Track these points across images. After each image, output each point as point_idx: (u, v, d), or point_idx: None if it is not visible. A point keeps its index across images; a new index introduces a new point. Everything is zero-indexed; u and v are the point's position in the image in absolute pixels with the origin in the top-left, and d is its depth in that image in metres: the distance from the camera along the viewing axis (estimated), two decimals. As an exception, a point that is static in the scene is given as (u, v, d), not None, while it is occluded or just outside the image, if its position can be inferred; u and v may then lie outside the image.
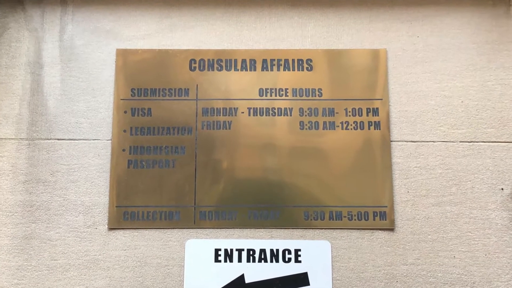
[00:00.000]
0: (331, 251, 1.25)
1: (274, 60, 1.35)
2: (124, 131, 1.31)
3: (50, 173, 1.30)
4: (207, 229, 1.27)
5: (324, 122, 1.31)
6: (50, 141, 1.31)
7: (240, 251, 1.25)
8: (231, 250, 1.25)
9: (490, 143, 1.30)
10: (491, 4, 1.37)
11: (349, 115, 1.31)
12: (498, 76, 1.33)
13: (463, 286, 1.23)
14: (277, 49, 1.36)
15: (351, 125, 1.31)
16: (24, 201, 1.28)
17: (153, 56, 1.35)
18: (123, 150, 1.30)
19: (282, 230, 1.27)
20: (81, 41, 1.37)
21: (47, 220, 1.27)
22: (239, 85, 1.34)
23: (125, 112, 1.32)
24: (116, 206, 1.28)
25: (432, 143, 1.30)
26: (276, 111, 1.32)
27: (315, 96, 1.33)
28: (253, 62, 1.35)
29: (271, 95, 1.33)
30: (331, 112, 1.32)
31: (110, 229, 1.27)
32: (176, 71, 1.34)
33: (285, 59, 1.35)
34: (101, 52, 1.36)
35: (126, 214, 1.27)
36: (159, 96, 1.33)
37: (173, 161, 1.29)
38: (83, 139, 1.32)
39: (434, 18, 1.37)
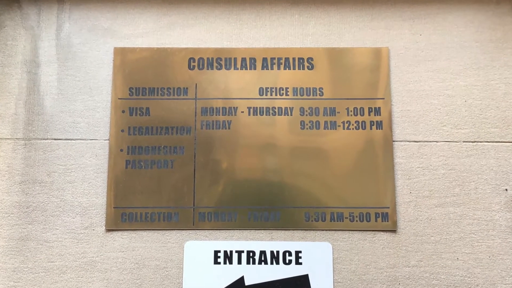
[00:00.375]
0: (333, 253, 1.24)
1: (275, 58, 1.33)
2: (122, 131, 1.30)
3: (46, 174, 1.28)
4: (206, 231, 1.26)
5: (325, 122, 1.30)
6: (46, 141, 1.30)
7: (240, 253, 1.24)
8: (231, 252, 1.24)
9: (494, 143, 1.28)
10: (495, 2, 1.36)
11: (351, 115, 1.30)
12: (502, 75, 1.32)
13: (467, 289, 1.22)
14: (278, 48, 1.35)
15: (352, 124, 1.30)
16: (20, 202, 1.27)
17: (152, 54, 1.34)
18: (121, 150, 1.29)
19: (283, 231, 1.26)
20: (78, 40, 1.36)
21: (44, 222, 1.26)
22: (238, 84, 1.32)
23: (123, 111, 1.31)
24: (113, 207, 1.26)
25: (435, 143, 1.29)
26: (276, 110, 1.31)
27: (316, 95, 1.31)
28: (253, 60, 1.34)
29: (271, 94, 1.32)
30: (332, 111, 1.30)
31: (108, 230, 1.26)
32: (175, 70, 1.33)
33: (285, 58, 1.33)
34: (98, 50, 1.35)
35: (124, 215, 1.26)
36: (157, 95, 1.31)
37: (171, 162, 1.28)
38: (80, 139, 1.30)
39: (436, 16, 1.36)
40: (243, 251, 1.24)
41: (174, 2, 1.37)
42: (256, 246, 1.24)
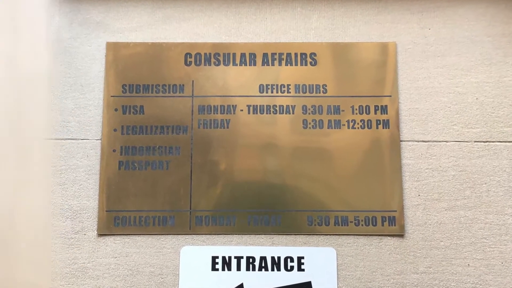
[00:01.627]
0: (337, 259, 1.21)
1: (276, 54, 1.30)
2: (115, 130, 1.27)
3: (35, 175, 1.24)
4: (203, 235, 1.23)
5: (329, 121, 1.27)
6: (35, 141, 1.26)
7: (239, 258, 1.21)
8: (230, 257, 1.21)
9: (507, 143, 1.25)
10: (508, -6, 1.33)
11: (356, 113, 1.27)
12: (516, 71, 1.29)
13: (478, 297, 1.19)
14: (279, 42, 1.31)
15: (358, 123, 1.27)
16: (8, 205, 1.23)
17: (146, 50, 1.31)
18: (114, 150, 1.26)
19: (284, 236, 1.23)
20: (69, 34, 1.32)
21: (32, 226, 1.22)
22: (238, 81, 1.29)
23: (116, 109, 1.28)
24: (106, 211, 1.23)
25: (445, 143, 1.26)
26: (277, 108, 1.28)
27: (319, 92, 1.28)
28: (253, 56, 1.31)
29: (272, 92, 1.29)
30: (337, 109, 1.27)
31: (100, 235, 1.22)
32: (171, 66, 1.30)
33: (287, 53, 1.30)
34: (90, 45, 1.32)
35: (117, 219, 1.23)
36: (152, 92, 1.28)
37: (167, 162, 1.25)
38: (71, 139, 1.27)
39: (446, 9, 1.32)
40: (242, 257, 1.21)
41: (169, -5, 1.35)
42: (256, 251, 1.22)
